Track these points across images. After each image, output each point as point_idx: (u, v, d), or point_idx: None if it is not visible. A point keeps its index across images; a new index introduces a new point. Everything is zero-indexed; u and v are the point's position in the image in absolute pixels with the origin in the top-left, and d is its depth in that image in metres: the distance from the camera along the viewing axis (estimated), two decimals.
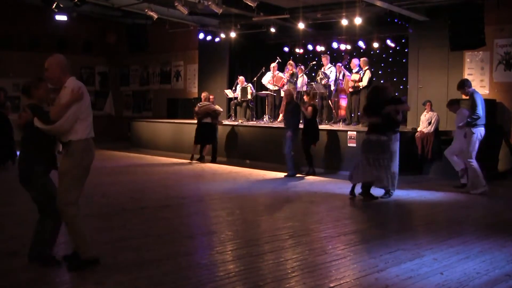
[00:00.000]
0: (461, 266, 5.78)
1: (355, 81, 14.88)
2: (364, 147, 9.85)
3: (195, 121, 15.54)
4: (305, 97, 13.62)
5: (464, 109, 10.84)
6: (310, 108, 12.81)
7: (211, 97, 15.74)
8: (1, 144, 13.17)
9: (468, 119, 10.35)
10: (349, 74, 15.65)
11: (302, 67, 16.47)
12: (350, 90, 15.23)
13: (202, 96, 15.81)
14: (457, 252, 6.31)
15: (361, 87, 14.89)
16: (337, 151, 13.34)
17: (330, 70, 15.90)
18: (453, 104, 11.31)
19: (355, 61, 15.46)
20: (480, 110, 10.23)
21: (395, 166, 9.79)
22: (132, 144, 19.10)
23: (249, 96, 17.11)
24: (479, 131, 10.35)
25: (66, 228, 5.64)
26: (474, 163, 10.39)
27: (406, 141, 13.57)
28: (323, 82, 15.60)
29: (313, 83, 15.97)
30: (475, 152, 10.41)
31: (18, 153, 5.58)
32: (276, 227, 7.67)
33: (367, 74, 14.89)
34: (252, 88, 17.15)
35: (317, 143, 12.94)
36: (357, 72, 15.17)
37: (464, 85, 10.64)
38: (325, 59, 16.23)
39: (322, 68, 16.20)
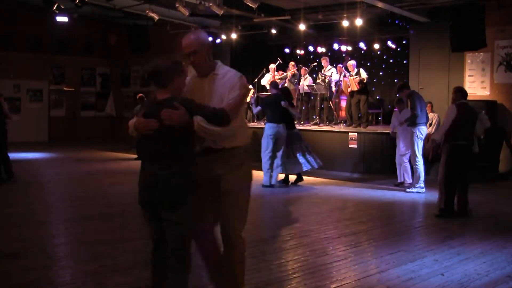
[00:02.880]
0: (461, 267, 5.78)
1: (358, 80, 14.65)
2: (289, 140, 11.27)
3: None
4: None
5: (407, 109, 10.98)
6: None
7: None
8: None
9: (408, 119, 10.65)
10: (347, 75, 15.58)
11: (306, 68, 16.44)
12: (358, 87, 14.90)
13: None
14: (458, 253, 6.31)
15: (365, 80, 14.67)
16: (337, 152, 13.34)
17: (331, 72, 15.88)
18: (399, 103, 11.43)
19: (351, 62, 15.41)
20: (418, 110, 10.46)
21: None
22: (133, 145, 19.09)
23: (248, 98, 17.10)
24: (419, 130, 10.55)
25: (222, 267, 4.22)
26: (418, 165, 10.61)
27: None
28: (332, 80, 15.58)
29: (314, 84, 15.96)
30: (420, 151, 10.62)
31: (145, 168, 4.05)
32: (277, 228, 7.67)
33: (362, 70, 14.80)
34: (254, 90, 17.14)
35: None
36: (345, 76, 15.10)
37: (403, 87, 11.08)
38: (324, 61, 16.21)
39: (322, 70, 16.19)
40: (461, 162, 8.53)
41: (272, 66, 16.81)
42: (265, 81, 17.12)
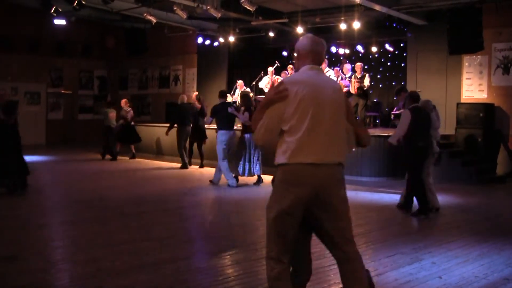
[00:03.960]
0: (459, 270, 5.78)
1: (360, 82, 14.74)
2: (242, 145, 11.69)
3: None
4: (196, 102, 15.38)
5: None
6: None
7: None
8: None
9: None
10: (344, 78, 15.60)
11: None
12: (356, 92, 14.99)
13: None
14: (455, 256, 6.32)
15: (365, 88, 14.80)
16: None
17: (329, 74, 15.88)
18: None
19: (347, 66, 15.45)
20: None
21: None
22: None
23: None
24: None
25: None
26: None
27: None
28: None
29: None
30: None
31: None
32: None
33: (367, 76, 14.88)
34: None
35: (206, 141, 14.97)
36: (350, 77, 15.13)
37: (401, 91, 11.05)
38: (323, 63, 16.22)
39: None
40: (419, 162, 8.76)
41: (271, 69, 16.85)
42: (263, 84, 17.15)
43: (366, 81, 14.71)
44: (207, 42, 19.22)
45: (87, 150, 19.61)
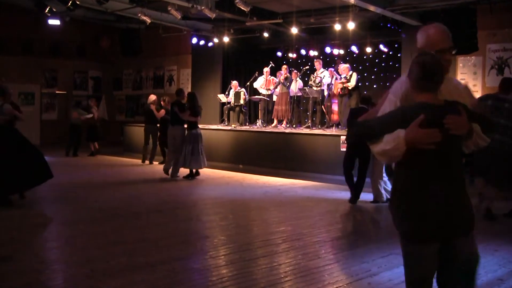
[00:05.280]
0: None
1: (343, 83, 14.96)
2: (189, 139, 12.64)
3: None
4: (162, 103, 16.07)
5: None
6: (162, 111, 15.59)
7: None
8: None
9: None
10: (340, 78, 15.68)
11: (296, 72, 16.51)
12: (340, 92, 15.21)
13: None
14: None
15: (350, 88, 14.96)
16: (329, 156, 13.35)
17: (324, 75, 15.93)
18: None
19: (342, 66, 15.52)
20: None
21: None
22: (125, 149, 19.06)
23: (242, 101, 17.16)
24: None
25: None
26: None
27: None
28: (324, 83, 15.79)
29: (306, 88, 16.00)
30: None
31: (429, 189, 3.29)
32: (269, 232, 7.68)
33: (354, 76, 15.00)
34: (246, 93, 17.18)
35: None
36: (344, 77, 15.23)
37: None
38: (317, 63, 16.29)
39: (315, 73, 16.24)
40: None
41: (266, 70, 16.89)
42: (258, 84, 17.18)
43: (353, 81, 14.83)
44: (202, 42, 19.21)
45: (81, 150, 19.55)
